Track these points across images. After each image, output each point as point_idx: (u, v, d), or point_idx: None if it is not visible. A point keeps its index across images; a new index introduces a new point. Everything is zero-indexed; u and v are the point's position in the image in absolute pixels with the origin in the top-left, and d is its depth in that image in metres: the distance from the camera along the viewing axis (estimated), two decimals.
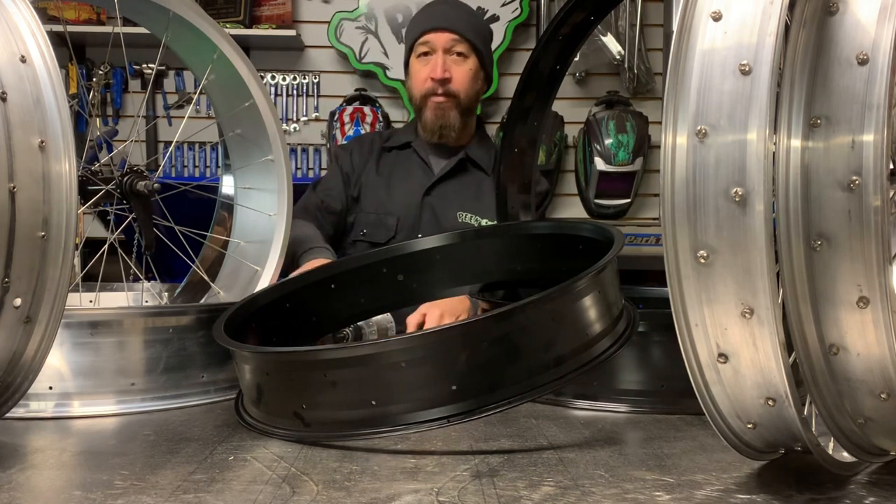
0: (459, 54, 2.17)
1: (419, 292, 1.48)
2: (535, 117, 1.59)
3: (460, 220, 2.15)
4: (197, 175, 4.09)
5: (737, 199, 0.73)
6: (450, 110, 2.18)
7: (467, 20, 2.23)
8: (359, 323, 1.50)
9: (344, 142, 3.87)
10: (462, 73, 2.17)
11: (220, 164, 2.08)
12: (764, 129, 0.72)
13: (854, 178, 0.73)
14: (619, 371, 1.25)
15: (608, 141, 3.80)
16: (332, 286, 1.43)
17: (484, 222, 2.14)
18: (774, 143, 0.76)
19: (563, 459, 0.96)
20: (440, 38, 2.16)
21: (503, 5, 4.11)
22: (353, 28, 4.09)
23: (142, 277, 1.59)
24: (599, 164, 3.81)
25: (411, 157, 2.26)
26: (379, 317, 1.52)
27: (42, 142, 0.92)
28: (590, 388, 1.27)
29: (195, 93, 1.84)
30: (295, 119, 4.19)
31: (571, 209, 4.08)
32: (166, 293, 1.73)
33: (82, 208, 1.43)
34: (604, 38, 3.93)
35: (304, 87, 4.19)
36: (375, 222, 2.17)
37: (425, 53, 2.18)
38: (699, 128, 0.75)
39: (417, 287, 1.47)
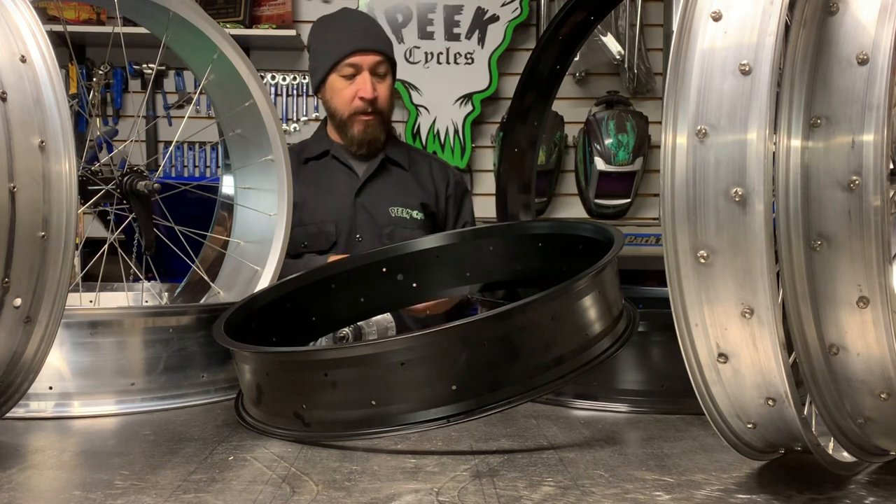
0: (381, 74, 2.29)
1: (419, 292, 1.48)
2: (535, 117, 1.59)
3: (393, 215, 2.27)
4: (197, 175, 4.09)
5: (737, 199, 0.73)
6: (377, 126, 2.30)
7: (385, 38, 2.36)
8: (359, 323, 1.50)
9: None
10: (384, 90, 2.30)
11: (220, 164, 2.08)
12: (764, 129, 0.72)
13: (854, 178, 0.73)
14: (619, 371, 1.25)
15: (608, 141, 3.80)
16: (332, 286, 1.43)
17: (415, 213, 2.28)
18: (774, 143, 0.76)
19: (563, 459, 0.96)
20: (367, 60, 2.27)
21: (503, 5, 4.10)
22: None
23: (142, 277, 1.59)
24: (599, 164, 3.81)
25: (331, 164, 2.35)
26: (379, 317, 1.52)
27: (42, 142, 0.92)
28: (590, 388, 1.27)
29: (195, 93, 1.84)
30: (295, 119, 4.19)
31: (571, 209, 4.08)
32: (166, 293, 1.73)
33: (82, 208, 1.43)
34: (604, 38, 3.92)
35: (304, 87, 4.18)
36: (315, 232, 2.25)
37: (351, 74, 2.27)
38: (699, 128, 0.75)
39: (417, 287, 1.47)
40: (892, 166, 0.80)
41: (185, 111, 4.11)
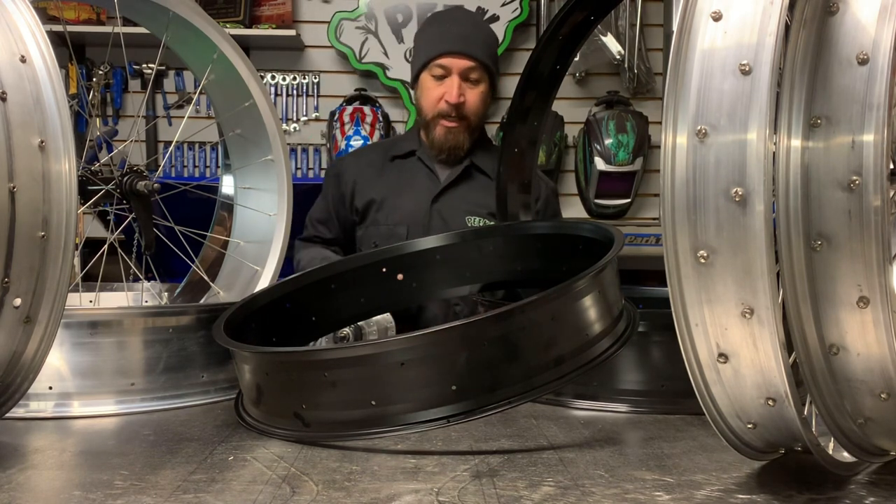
0: (474, 80, 2.20)
1: (419, 292, 1.48)
2: (535, 117, 1.59)
3: (469, 225, 2.18)
4: (197, 175, 4.09)
5: (737, 199, 0.73)
6: (460, 133, 2.21)
7: (483, 42, 2.25)
8: (359, 323, 1.50)
9: (344, 142, 3.87)
10: (474, 96, 2.20)
11: (220, 164, 2.09)
12: (764, 129, 0.72)
13: (854, 178, 0.73)
14: (619, 371, 1.25)
15: (608, 141, 3.80)
16: (332, 286, 1.43)
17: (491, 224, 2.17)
18: (774, 143, 0.76)
19: (563, 459, 0.96)
20: (457, 64, 2.18)
21: (503, 5, 4.10)
22: (353, 28, 4.09)
23: (142, 277, 1.59)
24: (599, 164, 3.81)
25: (416, 165, 2.28)
26: (379, 317, 1.52)
27: (42, 142, 0.92)
28: (590, 388, 1.27)
29: (195, 93, 1.84)
30: (295, 119, 4.19)
31: (571, 209, 4.08)
32: (166, 293, 1.73)
33: (82, 208, 1.43)
34: (604, 38, 3.92)
35: (304, 87, 4.19)
36: (386, 234, 2.18)
37: (441, 75, 2.19)
38: (699, 128, 0.75)
39: (417, 287, 1.47)
40: (892, 166, 0.80)
41: (185, 111, 4.11)
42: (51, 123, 0.93)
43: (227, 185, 1.73)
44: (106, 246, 1.52)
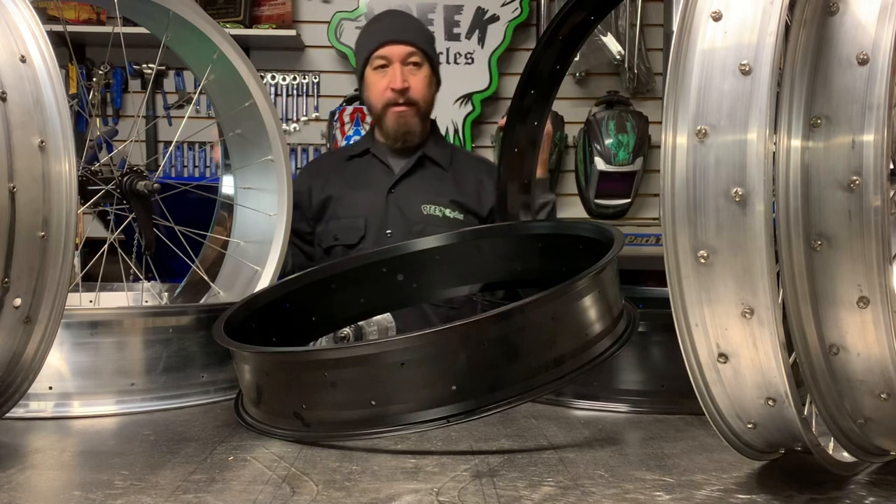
0: (415, 64, 2.28)
1: (419, 292, 1.48)
2: (535, 117, 1.59)
3: (425, 213, 2.26)
4: (197, 175, 4.08)
5: (737, 199, 0.73)
6: (411, 117, 2.29)
7: (418, 30, 2.37)
8: (359, 323, 1.50)
9: (344, 142, 3.87)
10: (418, 81, 2.29)
11: (220, 164, 2.08)
12: (764, 129, 0.72)
13: (854, 178, 0.73)
14: (619, 371, 1.25)
15: (608, 141, 3.80)
16: (332, 286, 1.43)
17: (447, 212, 2.27)
18: (774, 143, 0.76)
19: (563, 459, 0.96)
20: (396, 51, 2.26)
21: (503, 5, 4.10)
22: (353, 28, 4.09)
23: (142, 277, 1.59)
24: (599, 164, 3.81)
25: (371, 161, 2.37)
26: (379, 317, 1.52)
27: (42, 142, 0.92)
28: (590, 388, 1.27)
29: (195, 93, 1.84)
30: (295, 119, 4.19)
31: (571, 209, 4.08)
32: (166, 293, 1.73)
33: (82, 208, 1.43)
34: (604, 38, 3.92)
35: (304, 87, 4.18)
36: (346, 226, 2.26)
37: (382, 66, 2.28)
38: (699, 128, 0.75)
39: (417, 287, 1.47)
40: (892, 166, 0.80)
41: (185, 111, 4.11)
42: (51, 123, 0.93)
43: (227, 185, 1.73)
44: (106, 246, 1.52)
